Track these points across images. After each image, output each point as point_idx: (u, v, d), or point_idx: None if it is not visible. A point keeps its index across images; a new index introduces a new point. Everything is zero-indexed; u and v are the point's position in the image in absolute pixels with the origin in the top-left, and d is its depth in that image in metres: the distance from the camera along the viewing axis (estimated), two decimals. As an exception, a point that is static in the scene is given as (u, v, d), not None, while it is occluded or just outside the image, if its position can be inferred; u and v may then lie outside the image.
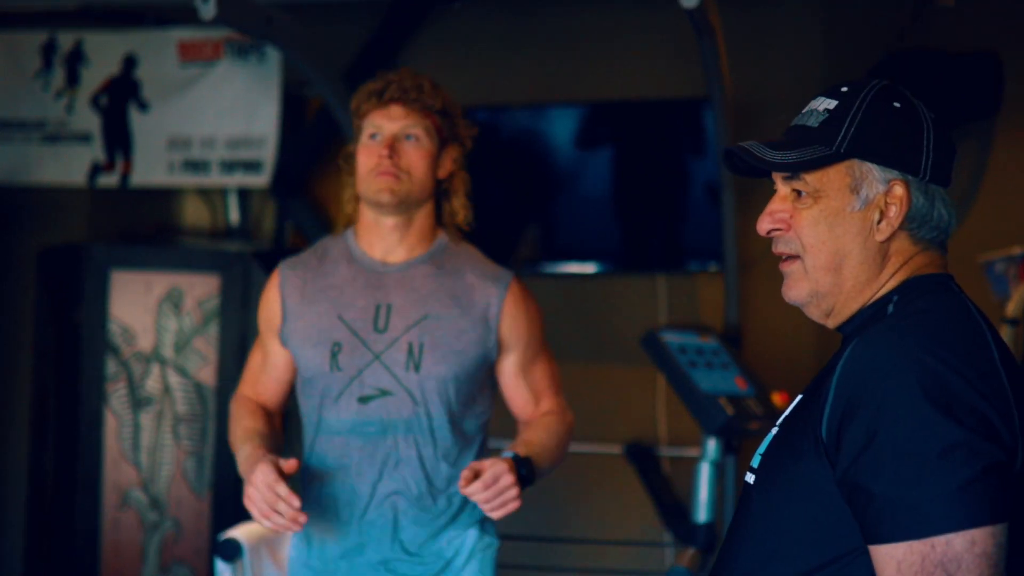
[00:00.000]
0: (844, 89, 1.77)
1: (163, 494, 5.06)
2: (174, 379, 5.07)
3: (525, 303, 2.88)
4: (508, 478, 2.56)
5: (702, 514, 4.00)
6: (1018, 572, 1.61)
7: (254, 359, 2.99)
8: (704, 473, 4.04)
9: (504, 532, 3.00)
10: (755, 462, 1.77)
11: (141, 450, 5.07)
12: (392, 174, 2.76)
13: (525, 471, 2.64)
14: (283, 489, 2.52)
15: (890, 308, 1.70)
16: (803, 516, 1.64)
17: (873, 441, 1.54)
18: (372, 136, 2.80)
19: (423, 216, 2.86)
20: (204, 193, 5.66)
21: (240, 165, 5.13)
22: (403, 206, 2.80)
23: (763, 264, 4.92)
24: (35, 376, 5.31)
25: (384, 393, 2.76)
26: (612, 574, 5.09)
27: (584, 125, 5.26)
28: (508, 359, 2.87)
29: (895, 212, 1.72)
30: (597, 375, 5.23)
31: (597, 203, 5.21)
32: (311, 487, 2.86)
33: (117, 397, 5.07)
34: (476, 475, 2.57)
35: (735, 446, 4.41)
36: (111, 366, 5.07)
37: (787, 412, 1.77)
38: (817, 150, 1.74)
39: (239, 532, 3.13)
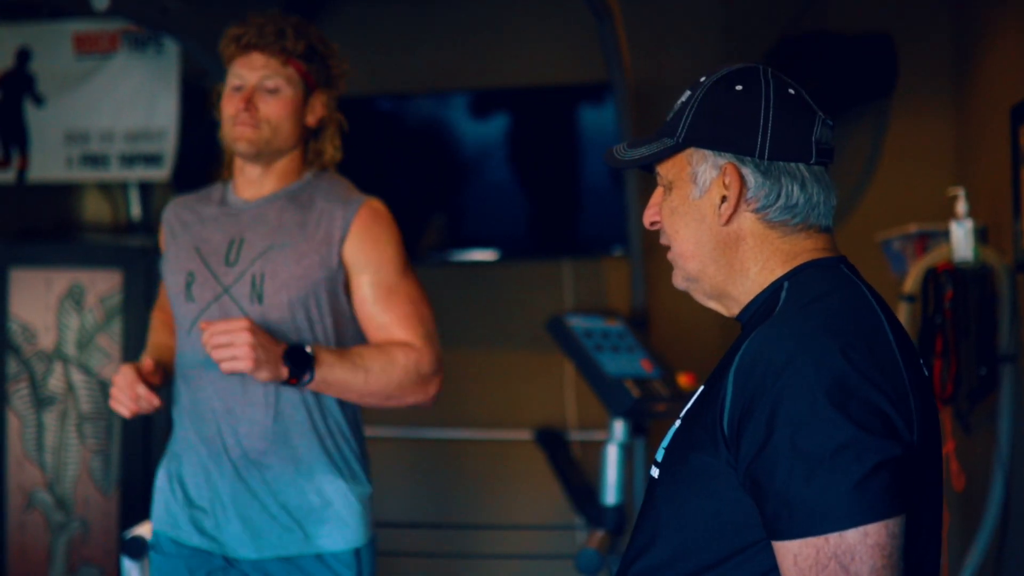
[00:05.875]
0: (702, 79, 1.77)
1: (69, 494, 4.98)
2: (77, 377, 5.00)
3: (377, 225, 2.77)
4: (239, 323, 2.56)
5: (611, 496, 4.03)
6: (924, 556, 1.64)
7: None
8: (612, 456, 4.07)
9: (416, 520, 2.99)
10: (659, 455, 1.77)
11: (45, 450, 4.99)
12: (250, 125, 2.75)
13: (300, 361, 2.61)
14: (142, 389, 2.67)
15: (782, 295, 1.69)
16: (707, 509, 1.65)
17: (770, 438, 1.55)
18: (235, 87, 2.79)
19: (288, 160, 2.84)
20: (104, 188, 5.58)
21: (140, 158, 5.06)
22: (263, 155, 2.80)
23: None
24: (-66, 378, 5.21)
25: None
26: (524, 559, 5.11)
27: (482, 110, 5.28)
28: (358, 282, 2.77)
29: (731, 195, 1.71)
30: (505, 362, 5.24)
31: (501, 190, 5.23)
32: (174, 419, 2.85)
33: (19, 397, 4.99)
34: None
35: (643, 428, 4.45)
36: (12, 365, 4.98)
37: (689, 404, 1.76)
38: (664, 143, 1.77)
39: (145, 529, 3.10)
